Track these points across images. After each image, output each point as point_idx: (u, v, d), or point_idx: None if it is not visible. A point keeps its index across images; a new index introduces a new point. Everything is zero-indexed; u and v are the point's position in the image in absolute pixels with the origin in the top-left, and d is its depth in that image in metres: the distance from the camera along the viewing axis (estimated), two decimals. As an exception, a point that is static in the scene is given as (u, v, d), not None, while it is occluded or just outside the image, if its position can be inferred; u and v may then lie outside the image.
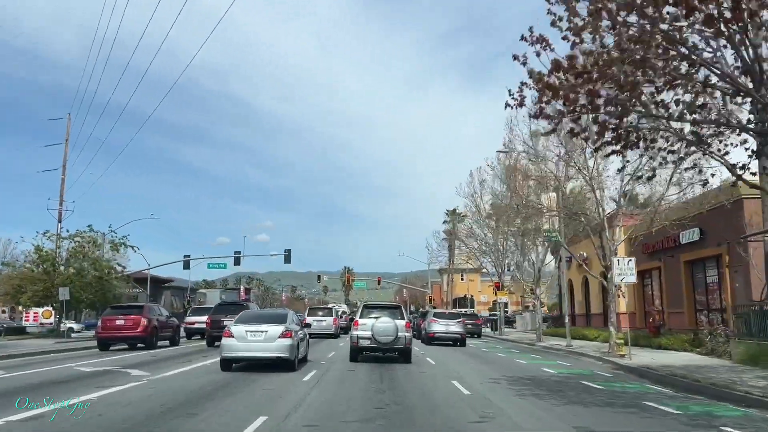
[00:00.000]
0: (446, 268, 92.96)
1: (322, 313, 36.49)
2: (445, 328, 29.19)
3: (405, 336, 18.77)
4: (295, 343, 15.40)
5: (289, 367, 15.08)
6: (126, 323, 24.16)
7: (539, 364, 19.92)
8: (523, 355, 24.46)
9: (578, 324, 43.55)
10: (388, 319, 18.71)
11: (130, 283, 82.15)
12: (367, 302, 20.96)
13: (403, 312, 19.86)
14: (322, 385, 12.60)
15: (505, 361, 20.90)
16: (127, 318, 24.33)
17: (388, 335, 18.37)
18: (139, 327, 24.15)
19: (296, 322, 17.75)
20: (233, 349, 14.93)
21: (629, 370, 17.92)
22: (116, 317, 24.57)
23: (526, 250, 38.92)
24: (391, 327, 18.42)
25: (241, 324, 15.49)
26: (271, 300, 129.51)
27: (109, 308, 27.36)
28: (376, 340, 18.47)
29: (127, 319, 24.28)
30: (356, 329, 19.11)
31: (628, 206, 24.21)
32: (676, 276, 28.69)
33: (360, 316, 19.55)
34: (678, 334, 25.91)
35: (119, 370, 15.72)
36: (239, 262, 55.98)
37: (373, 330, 18.44)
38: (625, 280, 20.94)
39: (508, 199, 42.48)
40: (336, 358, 20.08)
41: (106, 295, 41.77)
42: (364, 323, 18.99)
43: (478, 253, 48.16)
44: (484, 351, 26.62)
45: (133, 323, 24.16)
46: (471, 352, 25.28)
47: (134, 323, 24.17)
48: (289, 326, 15.60)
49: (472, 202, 46.00)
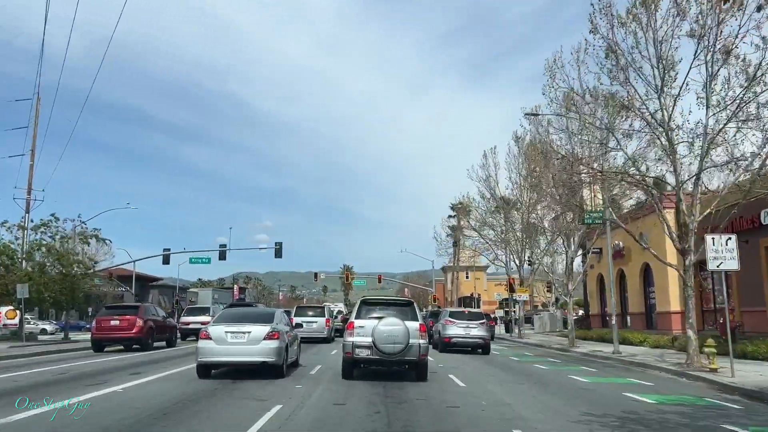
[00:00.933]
0: (450, 266, 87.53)
1: (313, 312, 29.75)
2: (464, 332, 23.27)
3: (419, 344, 13.14)
4: (283, 345, 13.79)
5: (277, 372, 13.51)
6: (121, 324, 23.64)
7: (608, 383, 14.13)
8: (570, 367, 18.67)
9: (611, 325, 37.71)
10: (395, 320, 13.05)
11: (113, 281, 76.84)
12: (367, 297, 15.25)
13: (416, 310, 14.09)
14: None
15: (558, 379, 15.09)
16: (122, 318, 23.79)
17: (396, 343, 12.74)
18: (134, 328, 23.58)
19: (285, 322, 15.75)
20: (211, 353, 13.35)
21: (747, 394, 12.20)
22: (111, 318, 24.01)
23: (557, 237, 33.03)
24: (399, 331, 12.81)
25: (221, 324, 13.83)
26: (269, 300, 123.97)
27: (104, 308, 27.01)
28: (379, 350, 12.86)
29: (122, 319, 23.75)
30: (351, 334, 13.45)
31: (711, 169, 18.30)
32: (754, 266, 22.90)
33: (356, 316, 13.84)
34: (760, 338, 20.33)
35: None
36: (225, 257, 50.26)
37: (375, 335, 12.84)
38: (724, 265, 15.17)
39: (525, 184, 36.87)
40: (322, 376, 14.27)
41: (74, 293, 37.30)
42: (362, 326, 13.37)
43: (493, 245, 42.32)
44: (516, 361, 20.82)
45: (128, 324, 23.61)
46: (502, 364, 19.46)
47: (129, 324, 23.63)
48: (276, 326, 13.96)
49: (486, 187, 40.22)
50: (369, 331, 13.08)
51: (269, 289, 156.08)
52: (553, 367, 18.34)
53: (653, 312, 31.75)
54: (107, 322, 23.97)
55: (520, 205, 37.73)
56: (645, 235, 31.96)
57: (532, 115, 25.14)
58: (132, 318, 23.85)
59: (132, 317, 23.89)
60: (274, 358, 13.31)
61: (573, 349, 27.93)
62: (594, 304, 40.39)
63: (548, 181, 29.11)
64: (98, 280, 71.89)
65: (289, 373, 14.19)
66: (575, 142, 24.98)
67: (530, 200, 35.55)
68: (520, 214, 37.55)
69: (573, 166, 21.07)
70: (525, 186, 35.68)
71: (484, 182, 40.02)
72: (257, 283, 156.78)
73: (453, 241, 77.37)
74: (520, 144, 37.87)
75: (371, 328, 13.05)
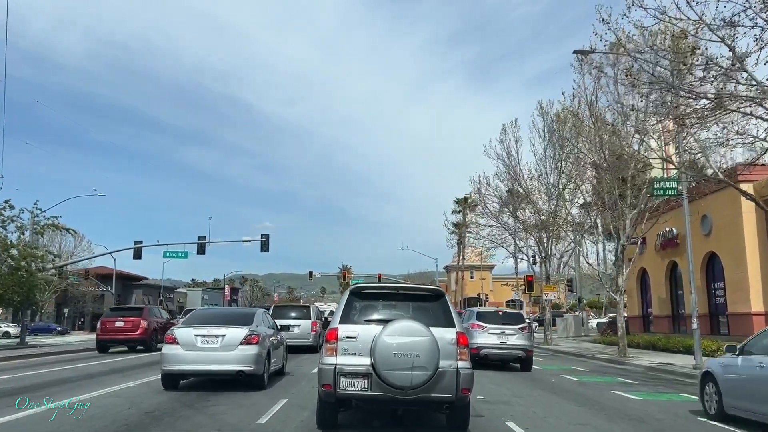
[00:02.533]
0: (454, 265, 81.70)
1: (295, 313, 22.67)
2: (498, 340, 16.91)
3: (457, 370, 7.16)
4: (263, 351, 11.69)
5: (257, 383, 11.49)
6: (125, 325, 24.08)
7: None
8: (670, 396, 12.56)
9: (656, 329, 31.59)
10: (412, 325, 6.98)
11: (91, 280, 70.43)
12: (362, 284, 8.91)
13: (450, 308, 7.75)
14: None
15: (679, 424, 9.01)
16: (127, 320, 24.24)
17: (416, 368, 6.84)
18: (138, 329, 24.04)
19: (269, 324, 13.70)
20: (177, 360, 11.30)
21: None
22: (116, 319, 24.43)
23: (598, 217, 26.89)
24: (421, 346, 6.85)
25: (190, 326, 11.86)
26: (263, 302, 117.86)
27: (109, 310, 28.15)
28: (384, 380, 6.81)
29: (126, 320, 24.20)
30: (332, 351, 7.36)
31: None
32: None
33: (343, 318, 7.61)
34: None
35: None
36: (203, 250, 43.95)
37: (377, 353, 6.85)
38: None
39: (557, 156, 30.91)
40: (282, 428, 8.13)
41: (30, 291, 32.34)
42: (353, 335, 7.42)
43: (513, 235, 36.20)
44: (577, 383, 14.64)
45: (132, 325, 24.06)
46: (565, 390, 13.21)
47: (134, 325, 24.12)
48: (255, 329, 11.90)
49: (505, 166, 34.08)
50: (366, 345, 7.04)
51: (266, 290, 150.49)
52: (644, 396, 12.14)
53: (722, 313, 25.62)
54: (112, 323, 24.22)
55: (547, 186, 31.71)
56: (708, 216, 26.01)
57: (583, 52, 19.00)
58: (136, 320, 24.20)
59: (136, 319, 24.25)
60: (253, 366, 11.35)
61: (628, 360, 21.85)
62: (633, 305, 34.23)
63: (593, 146, 23.08)
64: (73, 278, 66.40)
65: (272, 384, 12.16)
66: (634, 93, 19.05)
67: (561, 178, 29.59)
68: (548, 195, 31.53)
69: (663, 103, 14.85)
70: (556, 160, 29.67)
71: (504, 161, 33.88)
72: (254, 285, 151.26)
73: (457, 239, 71.65)
74: (545, 114, 32.00)
75: (370, 339, 7.00)
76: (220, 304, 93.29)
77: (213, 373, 11.64)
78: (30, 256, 34.29)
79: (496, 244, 36.17)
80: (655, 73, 14.96)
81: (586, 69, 21.15)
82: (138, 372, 15.15)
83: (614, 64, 21.70)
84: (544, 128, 32.20)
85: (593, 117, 21.77)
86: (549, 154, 31.86)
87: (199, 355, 11.29)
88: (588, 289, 72.42)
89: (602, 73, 19.89)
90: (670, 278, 30.43)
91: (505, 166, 33.88)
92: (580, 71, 22.09)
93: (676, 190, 18.68)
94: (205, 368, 11.40)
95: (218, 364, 11.29)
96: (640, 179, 23.44)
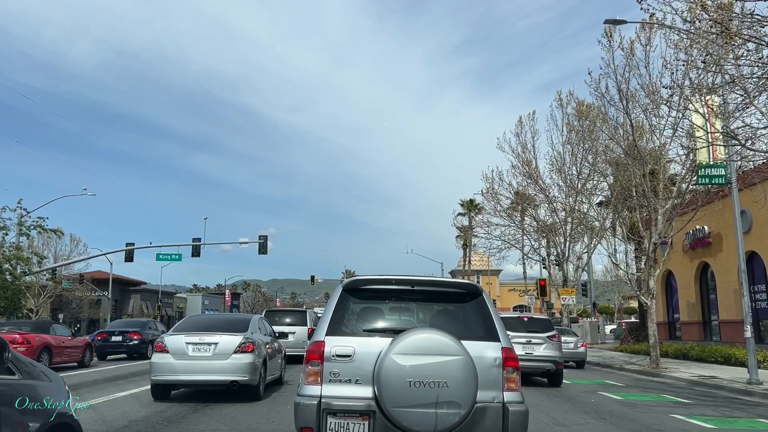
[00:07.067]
0: (459, 270, 79.89)
1: (290, 319, 20.25)
2: (523, 351, 14.29)
3: (500, 405, 4.66)
4: (259, 360, 11.09)
5: (252, 394, 10.96)
6: None
7: None
8: (741, 424, 10.15)
9: (685, 336, 29.14)
10: (436, 337, 4.55)
11: (86, 284, 68.10)
12: (359, 277, 5.75)
13: (491, 312, 5.24)
14: None
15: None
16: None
17: (441, 404, 4.36)
18: None
19: (266, 331, 12.85)
20: (167, 370, 10.67)
21: None
22: None
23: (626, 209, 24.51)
24: (448, 370, 4.38)
25: (181, 333, 11.16)
26: (265, 307, 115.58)
27: None
28: (393, 421, 4.38)
29: None
30: (315, 377, 4.91)
31: None
32: None
33: (331, 328, 5.15)
34: None
35: None
36: (198, 253, 41.79)
37: (382, 380, 4.42)
38: None
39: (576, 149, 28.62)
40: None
41: (14, 297, 31.35)
42: (345, 353, 4.89)
43: (528, 235, 33.79)
44: (619, 402, 12.22)
45: None
46: (615, 414, 10.70)
47: None
48: (251, 336, 11.25)
49: (520, 160, 31.72)
50: (367, 368, 4.69)
51: (269, 296, 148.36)
52: (718, 424, 9.72)
53: (765, 318, 23.17)
54: None
55: (566, 178, 29.33)
56: (747, 212, 23.54)
57: (616, 22, 16.63)
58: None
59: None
60: (248, 376, 10.78)
61: (663, 372, 19.47)
62: (658, 310, 31.70)
63: (620, 137, 20.74)
64: (67, 283, 64.17)
65: (268, 395, 11.66)
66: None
67: (582, 168, 27.26)
68: (567, 187, 29.15)
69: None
70: (578, 153, 27.32)
71: (518, 155, 31.51)
72: (257, 290, 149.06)
73: (463, 242, 69.81)
74: (564, 105, 29.75)
75: (373, 360, 4.65)
76: (221, 309, 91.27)
77: (205, 384, 11.05)
78: (14, 257, 32.49)
79: (510, 245, 33.72)
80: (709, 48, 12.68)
81: (616, 44, 18.78)
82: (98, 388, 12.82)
83: (646, 44, 19.52)
84: (563, 119, 29.97)
85: (624, 99, 19.35)
86: (572, 140, 29.55)
87: (191, 365, 10.69)
88: (596, 294, 70.06)
89: (640, 45, 17.49)
90: (700, 281, 27.97)
91: (519, 161, 31.54)
92: (608, 48, 19.73)
93: (724, 178, 16.32)
94: (197, 378, 10.77)
95: (211, 374, 10.71)
96: (674, 170, 21.13)
